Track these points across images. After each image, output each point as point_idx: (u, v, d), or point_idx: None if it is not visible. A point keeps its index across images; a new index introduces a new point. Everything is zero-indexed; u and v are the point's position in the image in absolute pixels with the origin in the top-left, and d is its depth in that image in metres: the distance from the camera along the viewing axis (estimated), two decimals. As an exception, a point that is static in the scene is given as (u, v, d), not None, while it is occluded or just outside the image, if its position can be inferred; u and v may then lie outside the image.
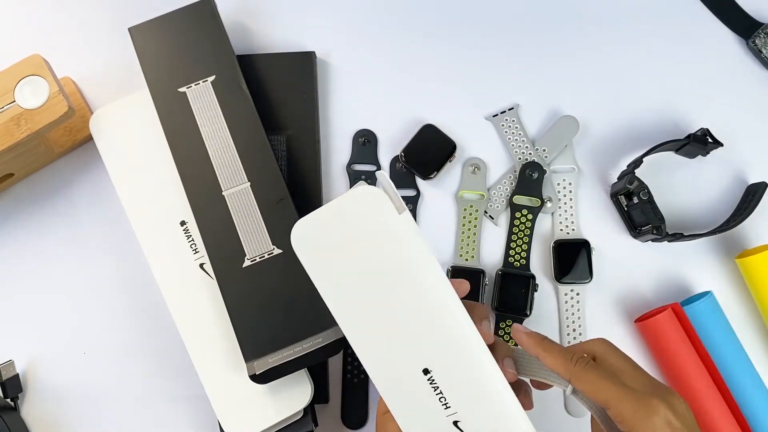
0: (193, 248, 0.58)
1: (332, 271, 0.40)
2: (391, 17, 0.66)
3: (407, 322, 0.39)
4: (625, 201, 0.60)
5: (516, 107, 0.63)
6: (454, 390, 0.39)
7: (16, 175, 0.61)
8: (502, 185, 0.62)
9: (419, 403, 0.39)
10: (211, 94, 0.58)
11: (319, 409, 0.58)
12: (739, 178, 0.62)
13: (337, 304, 0.40)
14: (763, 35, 0.62)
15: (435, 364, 0.39)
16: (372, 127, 0.63)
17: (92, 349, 0.60)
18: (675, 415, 0.38)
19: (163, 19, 0.60)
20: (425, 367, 0.39)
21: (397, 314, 0.39)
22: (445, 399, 0.39)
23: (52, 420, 0.59)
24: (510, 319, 0.59)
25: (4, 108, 0.55)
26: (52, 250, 0.62)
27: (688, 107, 0.63)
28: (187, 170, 0.57)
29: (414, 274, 0.38)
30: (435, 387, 0.39)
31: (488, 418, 0.39)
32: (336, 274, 0.40)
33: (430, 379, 0.39)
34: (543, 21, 0.65)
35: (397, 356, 0.39)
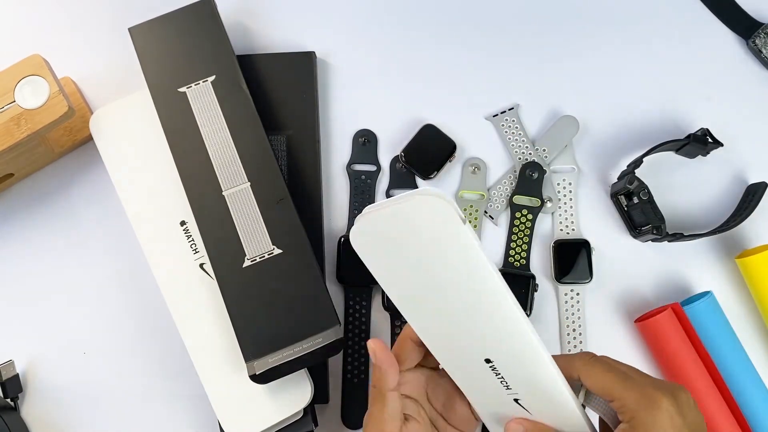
0: (193, 248, 0.58)
1: (395, 271, 0.41)
2: (392, 17, 0.66)
3: (468, 319, 0.41)
4: (625, 201, 0.60)
5: (516, 107, 0.63)
6: (513, 377, 0.43)
7: (16, 175, 0.62)
8: (502, 185, 0.62)
9: (484, 383, 0.44)
10: (211, 94, 0.58)
11: (319, 409, 0.58)
12: (739, 178, 0.62)
13: (403, 301, 0.43)
14: (763, 35, 0.62)
15: (495, 355, 0.42)
16: (372, 127, 0.63)
17: (92, 349, 0.60)
18: (678, 409, 0.38)
19: (163, 19, 0.60)
20: (487, 357, 0.42)
21: (459, 312, 0.41)
22: (506, 382, 0.43)
23: (52, 420, 0.59)
24: (510, 319, 0.59)
25: (4, 108, 0.55)
26: (52, 250, 0.62)
27: (688, 107, 0.63)
28: (187, 170, 0.57)
29: (477, 279, 0.40)
30: (497, 373, 0.43)
31: (545, 402, 0.43)
32: (398, 274, 0.41)
33: (492, 367, 0.42)
34: (543, 21, 0.65)
35: (462, 347, 0.43)
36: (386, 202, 0.40)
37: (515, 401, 0.43)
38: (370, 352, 0.44)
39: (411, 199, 0.39)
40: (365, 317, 0.60)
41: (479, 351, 0.42)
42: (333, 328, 0.53)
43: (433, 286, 0.41)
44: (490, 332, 0.41)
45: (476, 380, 0.44)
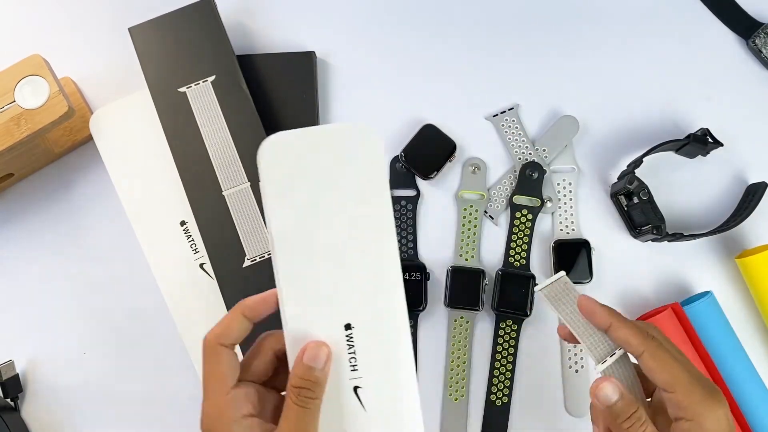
0: (193, 248, 0.58)
1: (292, 195, 0.39)
2: (392, 17, 0.66)
3: (349, 272, 0.38)
4: (625, 201, 0.60)
5: (516, 107, 0.63)
6: (366, 354, 0.38)
7: (16, 175, 0.61)
8: (502, 185, 0.62)
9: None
10: (211, 93, 0.58)
11: (319, 409, 0.58)
12: (739, 178, 0.62)
13: (284, 233, 0.38)
14: (763, 35, 0.62)
15: (359, 323, 0.38)
16: (372, 127, 0.63)
17: (92, 349, 0.60)
18: (728, 414, 0.38)
19: (163, 19, 0.60)
20: (349, 322, 0.38)
21: (342, 261, 0.38)
22: (355, 360, 0.38)
23: (52, 420, 0.59)
24: (510, 319, 0.59)
25: (4, 108, 0.55)
26: (52, 250, 0.62)
27: (688, 107, 0.63)
28: (187, 170, 0.57)
29: (373, 232, 0.38)
30: (350, 345, 0.38)
31: (386, 395, 0.38)
32: (294, 198, 0.39)
33: (349, 336, 0.38)
34: (543, 21, 0.65)
35: (327, 301, 0.38)
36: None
37: (354, 390, 0.38)
38: (320, 351, 0.38)
39: (343, 124, 0.40)
40: (365, 317, 0.60)
41: (343, 311, 0.38)
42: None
43: (325, 220, 0.38)
44: (362, 291, 0.38)
45: None
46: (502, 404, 0.58)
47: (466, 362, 0.59)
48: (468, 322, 0.59)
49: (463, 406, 0.58)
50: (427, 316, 0.60)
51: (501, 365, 0.59)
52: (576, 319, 0.43)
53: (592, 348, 0.42)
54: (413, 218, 0.61)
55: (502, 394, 0.58)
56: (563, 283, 0.44)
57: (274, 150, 0.38)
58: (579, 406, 0.58)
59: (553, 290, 0.43)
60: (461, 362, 0.59)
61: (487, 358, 0.59)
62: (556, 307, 0.43)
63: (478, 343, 0.60)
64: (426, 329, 0.60)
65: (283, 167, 0.38)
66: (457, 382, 0.59)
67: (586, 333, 0.42)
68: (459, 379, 0.59)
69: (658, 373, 0.39)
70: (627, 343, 0.40)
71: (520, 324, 0.59)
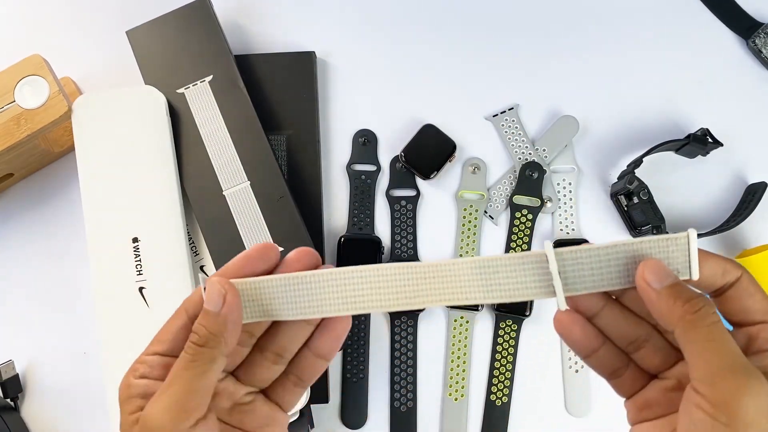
0: (137, 269, 0.55)
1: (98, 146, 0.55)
2: (392, 17, 0.66)
3: (137, 200, 0.55)
4: (625, 201, 0.60)
5: (516, 107, 0.63)
6: (149, 262, 0.53)
7: (15, 175, 0.61)
8: (502, 185, 0.62)
9: (119, 266, 0.53)
10: (209, 93, 0.58)
11: (318, 409, 0.58)
12: (739, 177, 0.62)
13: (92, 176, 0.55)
14: (763, 35, 0.62)
15: (143, 236, 0.54)
16: (372, 127, 0.63)
17: (92, 350, 0.60)
18: None
19: (159, 21, 0.60)
20: (136, 236, 0.54)
21: (132, 192, 0.55)
22: (141, 266, 0.53)
23: (52, 420, 0.59)
24: (510, 319, 0.59)
25: (4, 108, 0.55)
26: (51, 250, 0.62)
27: (688, 107, 0.63)
28: (187, 171, 0.57)
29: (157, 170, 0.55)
30: (137, 255, 0.54)
31: (164, 293, 0.52)
32: (100, 148, 0.55)
33: (136, 247, 0.53)
34: (543, 21, 0.65)
35: (118, 221, 0.54)
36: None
37: (139, 290, 0.51)
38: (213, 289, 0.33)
39: (135, 88, 0.57)
40: (365, 317, 0.60)
41: (133, 228, 0.54)
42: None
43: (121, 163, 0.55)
44: (146, 213, 0.54)
45: (114, 261, 0.53)
46: (502, 404, 0.58)
47: (466, 362, 0.59)
48: (468, 322, 0.59)
49: (463, 406, 0.58)
50: (427, 316, 0.60)
51: (501, 365, 0.59)
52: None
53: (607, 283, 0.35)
54: (413, 218, 0.61)
55: (502, 394, 0.58)
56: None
57: (84, 108, 0.56)
58: (579, 406, 0.58)
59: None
60: (461, 362, 0.59)
61: (487, 358, 0.59)
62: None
63: (478, 343, 0.60)
64: (426, 329, 0.60)
65: (89, 122, 0.56)
66: (457, 382, 0.59)
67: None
68: (459, 379, 0.59)
69: (761, 300, 0.32)
70: (725, 270, 0.33)
71: (520, 324, 0.59)
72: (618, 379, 0.35)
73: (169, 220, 0.56)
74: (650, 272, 0.31)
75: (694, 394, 0.29)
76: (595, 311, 0.35)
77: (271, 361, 0.36)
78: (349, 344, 0.60)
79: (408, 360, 0.59)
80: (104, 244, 0.55)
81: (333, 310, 0.34)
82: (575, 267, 0.33)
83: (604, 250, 0.33)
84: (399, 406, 0.59)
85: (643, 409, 0.34)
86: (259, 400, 0.36)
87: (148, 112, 0.57)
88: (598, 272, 0.33)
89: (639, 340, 0.34)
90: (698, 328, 0.29)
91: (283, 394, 0.37)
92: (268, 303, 0.34)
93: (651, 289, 0.31)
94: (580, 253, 0.33)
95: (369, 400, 0.59)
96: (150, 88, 0.58)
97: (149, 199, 0.56)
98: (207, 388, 0.32)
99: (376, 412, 0.59)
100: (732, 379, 0.28)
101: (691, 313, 0.30)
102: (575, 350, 0.35)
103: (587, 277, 0.33)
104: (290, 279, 0.34)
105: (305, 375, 0.37)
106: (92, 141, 0.57)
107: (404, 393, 0.59)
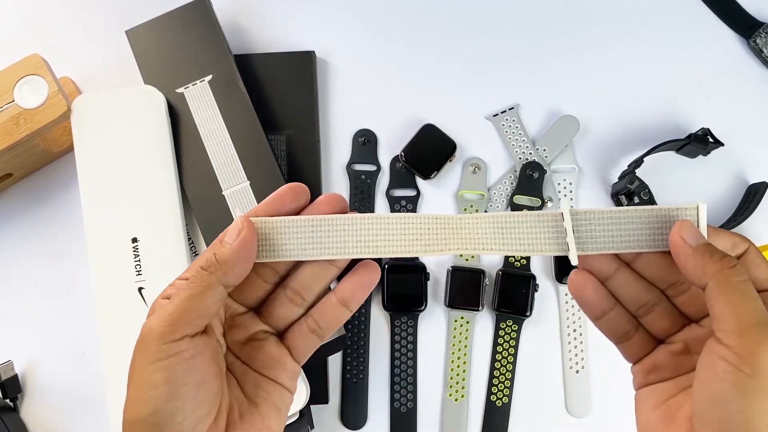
0: (137, 269, 0.55)
1: (98, 144, 0.55)
2: (392, 17, 0.65)
3: (137, 200, 0.55)
4: (625, 201, 0.60)
5: (516, 107, 0.63)
6: (149, 262, 0.53)
7: (14, 175, 0.61)
8: (502, 185, 0.62)
9: (118, 266, 0.53)
10: (209, 93, 0.58)
11: (318, 409, 0.58)
12: (739, 177, 0.61)
13: (90, 175, 0.55)
14: (764, 35, 0.62)
15: (143, 237, 0.53)
16: (372, 127, 0.63)
17: (91, 350, 0.60)
18: None
19: (158, 21, 0.60)
20: (135, 236, 0.53)
21: (132, 192, 0.55)
22: (140, 266, 0.53)
23: (52, 420, 0.59)
24: (510, 320, 0.59)
25: (3, 108, 0.55)
26: (51, 250, 0.62)
27: (688, 107, 0.63)
28: (187, 171, 0.57)
29: (157, 170, 0.55)
30: (136, 255, 0.53)
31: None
32: (100, 147, 0.55)
33: (135, 248, 0.53)
34: (543, 21, 0.65)
35: (118, 221, 0.54)
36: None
37: (139, 291, 0.51)
38: (234, 224, 0.35)
39: (134, 87, 0.57)
40: (365, 317, 0.60)
41: (132, 228, 0.53)
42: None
43: (121, 163, 0.55)
44: (146, 214, 0.53)
45: (113, 262, 0.53)
46: (503, 405, 0.58)
47: (466, 362, 0.59)
48: (468, 322, 0.59)
49: (463, 407, 0.58)
50: (427, 316, 0.60)
51: (501, 365, 0.59)
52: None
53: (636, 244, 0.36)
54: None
55: (503, 394, 0.58)
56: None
57: (83, 108, 0.56)
58: (580, 407, 0.58)
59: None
60: (461, 362, 0.59)
61: (487, 358, 0.59)
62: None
63: (478, 343, 0.60)
64: (426, 329, 0.60)
65: (88, 122, 0.56)
66: (457, 383, 0.59)
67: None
68: (459, 380, 0.59)
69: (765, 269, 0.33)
70: (734, 243, 0.34)
71: (521, 324, 0.59)
72: (627, 342, 0.37)
73: (168, 220, 0.56)
74: (686, 231, 0.33)
75: (718, 346, 0.30)
76: (608, 274, 0.36)
77: (290, 299, 0.37)
78: (349, 344, 0.59)
79: (408, 360, 0.59)
80: (103, 244, 0.55)
81: (356, 252, 0.35)
82: (589, 227, 0.35)
83: (617, 213, 0.35)
84: (399, 406, 0.59)
85: (650, 372, 0.35)
86: (271, 340, 0.37)
87: (148, 112, 0.57)
88: (610, 234, 0.35)
89: (649, 304, 0.36)
90: (732, 283, 0.31)
91: (297, 338, 0.37)
92: (292, 243, 0.36)
93: (687, 245, 0.33)
94: (594, 214, 0.35)
95: (369, 400, 0.59)
96: (149, 87, 0.58)
97: (149, 200, 0.56)
98: (200, 309, 0.33)
99: (376, 412, 0.59)
100: (759, 333, 0.29)
101: (727, 268, 0.31)
102: (587, 311, 0.37)
103: (599, 238, 0.35)
104: (315, 221, 0.36)
105: (323, 321, 0.37)
106: (91, 141, 0.57)
107: (404, 393, 0.59)
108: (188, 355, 0.32)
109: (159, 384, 0.31)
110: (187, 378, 0.32)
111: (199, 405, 0.32)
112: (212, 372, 0.33)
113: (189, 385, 0.32)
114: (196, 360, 0.32)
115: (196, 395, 0.32)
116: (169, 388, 0.31)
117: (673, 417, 0.33)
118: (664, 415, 0.33)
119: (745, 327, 0.29)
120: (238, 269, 0.34)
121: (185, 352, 0.32)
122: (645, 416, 0.35)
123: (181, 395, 0.31)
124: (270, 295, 0.38)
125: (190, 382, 0.32)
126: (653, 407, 0.34)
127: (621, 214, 0.35)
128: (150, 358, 0.32)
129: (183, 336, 0.32)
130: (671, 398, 0.34)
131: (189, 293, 0.33)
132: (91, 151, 0.57)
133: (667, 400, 0.34)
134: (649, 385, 0.35)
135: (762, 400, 0.28)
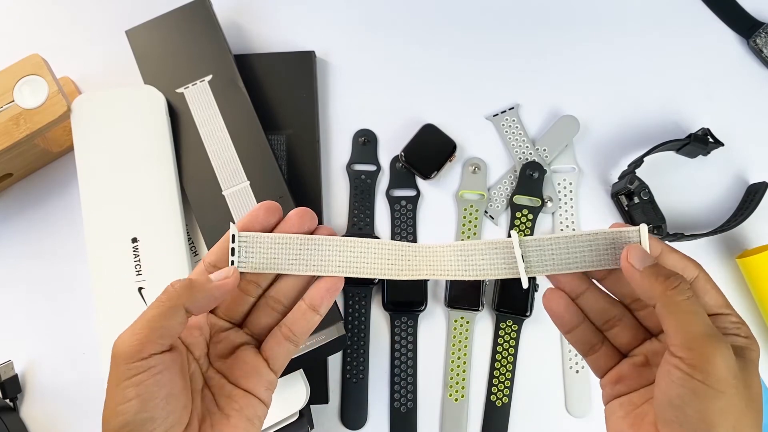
0: (137, 269, 0.55)
1: (98, 143, 0.55)
2: (392, 17, 0.66)
3: (137, 201, 0.55)
4: (625, 201, 0.60)
5: (516, 107, 0.63)
6: (148, 262, 0.53)
7: (14, 175, 0.61)
8: (502, 185, 0.62)
9: (118, 266, 0.53)
10: (209, 93, 0.58)
11: (318, 409, 0.58)
12: (739, 177, 0.61)
13: (90, 173, 0.55)
14: (764, 35, 0.62)
15: (142, 237, 0.53)
16: (372, 127, 0.63)
17: (91, 350, 0.60)
18: None
19: (158, 21, 0.60)
20: (135, 236, 0.53)
21: (131, 193, 0.55)
22: (140, 267, 0.53)
23: (51, 420, 0.59)
24: (510, 320, 0.59)
25: (3, 108, 0.55)
26: (51, 250, 0.62)
27: (688, 107, 0.63)
28: (186, 171, 0.57)
29: (157, 170, 0.55)
30: (136, 255, 0.53)
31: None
32: (100, 146, 0.55)
33: (135, 248, 0.53)
34: (543, 21, 0.65)
35: (117, 221, 0.54)
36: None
37: (139, 290, 0.51)
38: (224, 270, 0.38)
39: (134, 87, 0.57)
40: (365, 317, 0.60)
41: (132, 228, 0.54)
42: (336, 324, 0.53)
43: (122, 165, 0.55)
44: (146, 214, 0.54)
45: (113, 262, 0.53)
46: (502, 405, 0.58)
47: (466, 362, 0.59)
48: (468, 322, 0.59)
49: (464, 407, 0.58)
50: (427, 316, 0.60)
51: (501, 365, 0.59)
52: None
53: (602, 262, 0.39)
54: (413, 218, 0.61)
55: (503, 394, 0.58)
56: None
57: (83, 108, 0.56)
58: (579, 407, 0.58)
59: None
60: (461, 362, 0.59)
61: (487, 358, 0.59)
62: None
63: (478, 343, 0.60)
64: (426, 329, 0.60)
65: (88, 122, 0.56)
66: (457, 383, 0.59)
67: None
68: (459, 380, 0.59)
69: (716, 295, 0.36)
70: (685, 267, 0.36)
71: (521, 324, 0.59)
72: (594, 355, 0.39)
73: (168, 220, 0.56)
74: (633, 255, 0.36)
75: (672, 358, 0.33)
76: (578, 292, 0.39)
77: (271, 307, 0.40)
78: (348, 344, 0.59)
79: (408, 360, 0.59)
80: (103, 244, 0.55)
81: (335, 271, 0.39)
82: (538, 252, 0.38)
83: (564, 240, 0.38)
84: (399, 406, 0.59)
85: (616, 383, 0.38)
86: (249, 349, 0.40)
87: (148, 112, 0.57)
88: (559, 257, 0.38)
89: (614, 319, 0.39)
90: (676, 303, 0.33)
91: (273, 347, 0.40)
92: (278, 257, 0.39)
93: (634, 269, 0.35)
94: (542, 241, 0.38)
95: (369, 400, 0.59)
96: (149, 87, 0.58)
97: (148, 199, 0.56)
98: (166, 329, 0.35)
99: (376, 412, 0.59)
100: (706, 344, 0.32)
101: (671, 288, 0.34)
102: (558, 324, 0.40)
103: (547, 262, 0.38)
104: (302, 240, 0.39)
105: (296, 327, 0.40)
106: (91, 141, 0.57)
107: (404, 393, 0.59)
108: (156, 371, 0.34)
109: (130, 398, 0.34)
110: (155, 392, 0.34)
111: (169, 415, 0.34)
112: (179, 385, 0.35)
113: (158, 399, 0.34)
114: (164, 375, 0.34)
115: (164, 407, 0.34)
116: (140, 402, 0.34)
117: (641, 424, 0.36)
118: (632, 423, 0.36)
119: (692, 341, 0.32)
120: (210, 302, 0.37)
121: (153, 368, 0.34)
122: (615, 425, 0.37)
123: (151, 407, 0.34)
124: (252, 308, 0.41)
125: (158, 396, 0.34)
126: (622, 417, 0.37)
127: (567, 240, 0.38)
128: (121, 377, 0.34)
129: (150, 354, 0.34)
130: (637, 408, 0.36)
131: (154, 313, 0.35)
132: (91, 151, 0.57)
133: (634, 410, 0.37)
134: (617, 398, 0.38)
135: (715, 402, 0.31)
